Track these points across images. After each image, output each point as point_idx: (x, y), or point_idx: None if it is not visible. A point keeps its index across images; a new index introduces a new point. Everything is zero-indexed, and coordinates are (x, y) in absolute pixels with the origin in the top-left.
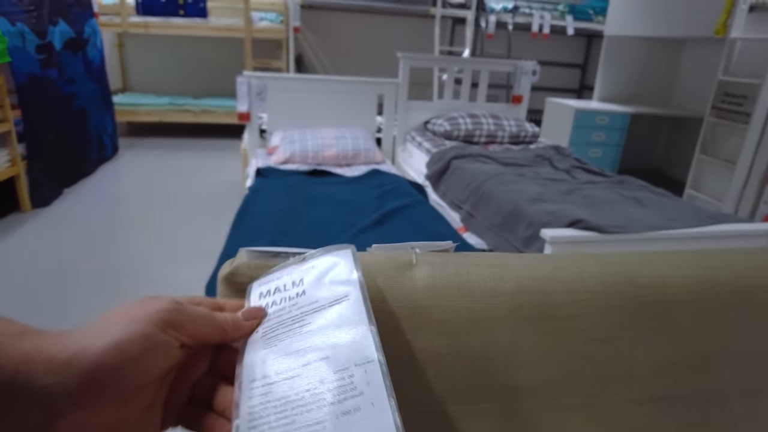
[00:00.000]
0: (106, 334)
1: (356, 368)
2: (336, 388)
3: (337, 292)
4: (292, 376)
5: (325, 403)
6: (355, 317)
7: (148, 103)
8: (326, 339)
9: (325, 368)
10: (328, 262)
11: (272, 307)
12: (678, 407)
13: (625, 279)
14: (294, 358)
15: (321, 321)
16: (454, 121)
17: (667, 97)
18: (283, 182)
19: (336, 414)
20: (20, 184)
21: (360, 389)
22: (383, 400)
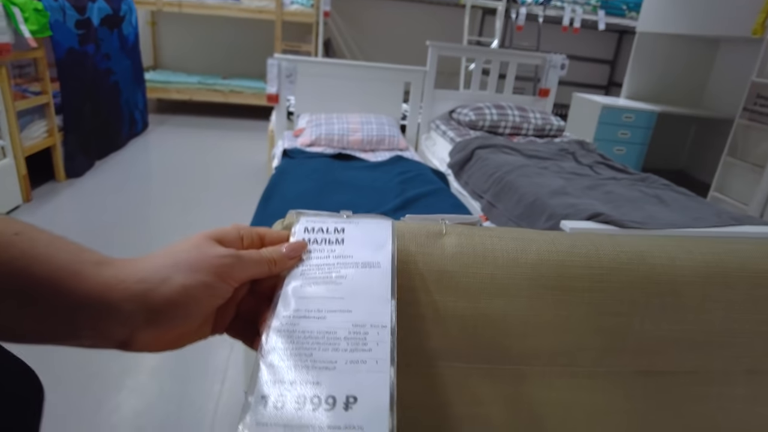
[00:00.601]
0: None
1: (371, 328)
2: (352, 337)
3: (371, 256)
4: (318, 317)
5: (339, 347)
6: (380, 286)
7: (178, 81)
8: (353, 295)
9: (347, 319)
10: (371, 225)
11: (313, 245)
12: (681, 382)
13: (638, 258)
14: (324, 302)
15: (352, 278)
16: (480, 111)
17: (697, 98)
18: (309, 164)
19: (346, 359)
20: (56, 155)
21: (370, 346)
22: (386, 362)
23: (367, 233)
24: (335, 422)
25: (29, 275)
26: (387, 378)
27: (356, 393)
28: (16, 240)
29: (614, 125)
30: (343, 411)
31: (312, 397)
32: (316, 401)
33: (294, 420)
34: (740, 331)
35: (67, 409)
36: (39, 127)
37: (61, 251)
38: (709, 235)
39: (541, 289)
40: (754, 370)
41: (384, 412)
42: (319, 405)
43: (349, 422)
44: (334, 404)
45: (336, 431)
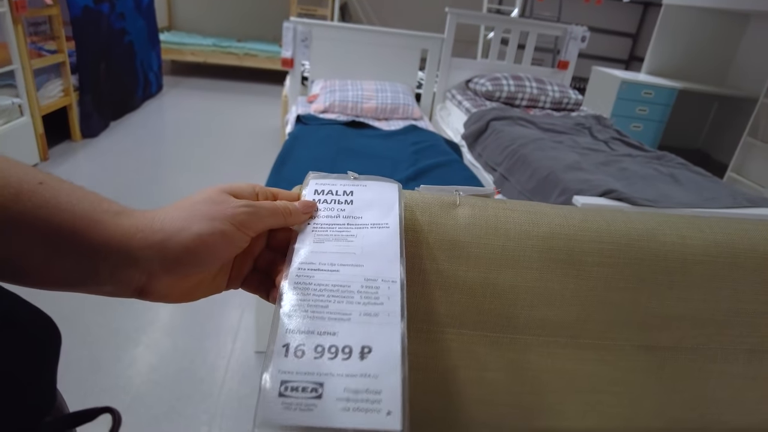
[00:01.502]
0: (192, 225)
1: (383, 282)
2: (364, 291)
3: (380, 218)
4: (332, 269)
5: (353, 300)
6: (390, 245)
7: (193, 43)
8: (363, 252)
9: (359, 273)
10: (378, 187)
11: (323, 204)
12: (683, 358)
13: (649, 235)
14: (336, 257)
15: (362, 236)
16: (497, 82)
17: (721, 75)
18: (322, 131)
19: (360, 312)
20: (72, 114)
21: (382, 300)
22: (397, 315)
23: (375, 196)
24: (352, 371)
25: (53, 223)
26: (398, 330)
27: (370, 343)
28: (40, 189)
29: (633, 101)
30: (359, 360)
31: (329, 346)
32: (333, 350)
33: (314, 368)
34: (745, 312)
35: (87, 362)
36: (55, 86)
37: (82, 201)
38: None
39: (551, 262)
40: (756, 349)
41: (396, 362)
42: (337, 354)
43: (365, 371)
44: (351, 354)
45: (353, 378)
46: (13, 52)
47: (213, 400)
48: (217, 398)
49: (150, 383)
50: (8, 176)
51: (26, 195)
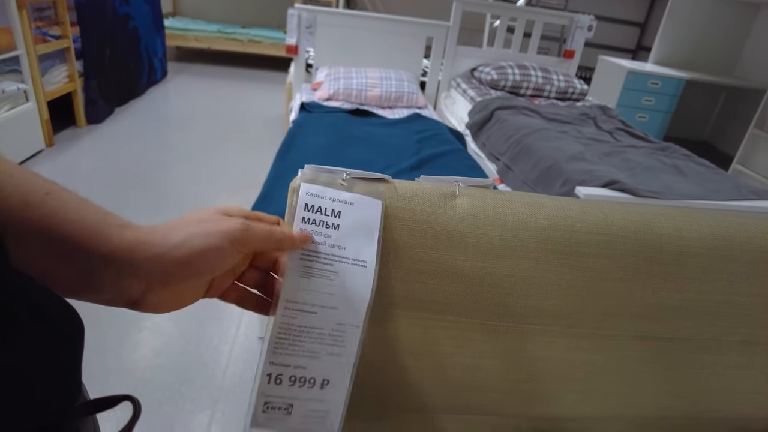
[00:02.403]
0: (191, 240)
1: (348, 327)
2: (334, 334)
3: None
4: (311, 311)
5: (324, 342)
6: (363, 288)
7: (197, 29)
8: (341, 293)
9: (332, 317)
10: (365, 206)
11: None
12: (677, 348)
13: (646, 227)
14: (317, 298)
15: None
16: (502, 71)
17: (730, 66)
18: (326, 119)
19: (327, 352)
20: (77, 100)
21: (345, 344)
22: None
23: (359, 218)
24: (313, 396)
25: (59, 233)
26: (351, 369)
27: (329, 377)
28: (47, 199)
29: (639, 91)
30: (319, 389)
31: (300, 377)
32: (302, 380)
33: (287, 393)
34: (739, 303)
35: (92, 344)
36: (60, 72)
37: (89, 213)
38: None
39: (548, 253)
40: (749, 341)
41: (345, 392)
42: (304, 383)
43: (322, 397)
44: (314, 384)
45: (313, 402)
46: (17, 38)
47: (216, 384)
48: (221, 383)
49: (154, 367)
50: (17, 184)
51: (34, 204)
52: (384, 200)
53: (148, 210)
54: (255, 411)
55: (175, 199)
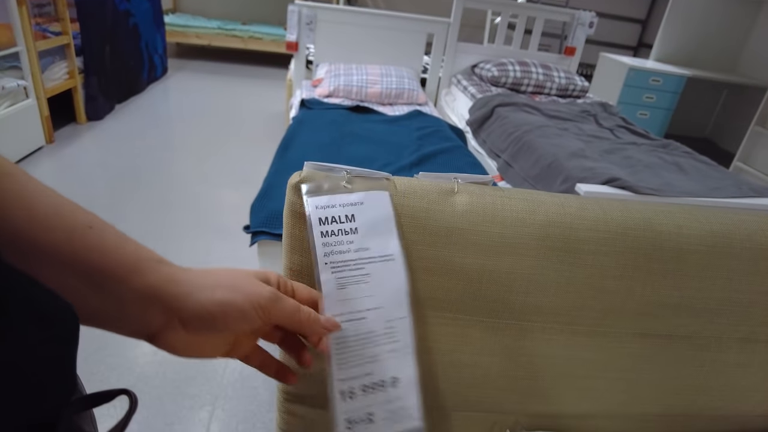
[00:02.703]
0: (216, 291)
1: (397, 321)
2: (385, 332)
3: (384, 246)
4: (359, 318)
5: (379, 342)
6: (398, 278)
7: (197, 26)
8: (380, 290)
9: (380, 316)
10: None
11: (331, 237)
12: (676, 346)
13: (645, 224)
14: (359, 303)
15: (375, 273)
16: (503, 68)
17: (732, 63)
18: (327, 116)
19: (385, 351)
20: (77, 97)
21: (398, 337)
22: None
23: (373, 214)
24: (389, 398)
25: (101, 266)
26: (412, 358)
27: (397, 374)
28: (90, 233)
29: (640, 88)
30: (392, 388)
31: (370, 384)
32: (373, 386)
33: (363, 403)
34: (739, 301)
35: (93, 340)
36: (60, 69)
37: (127, 247)
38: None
39: (547, 250)
40: (749, 338)
41: (415, 382)
42: (375, 389)
43: (397, 395)
44: (385, 385)
45: (390, 403)
46: (17, 34)
47: (217, 380)
48: (221, 379)
49: (154, 363)
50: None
51: (79, 240)
52: (390, 191)
53: (149, 207)
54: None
55: (175, 196)
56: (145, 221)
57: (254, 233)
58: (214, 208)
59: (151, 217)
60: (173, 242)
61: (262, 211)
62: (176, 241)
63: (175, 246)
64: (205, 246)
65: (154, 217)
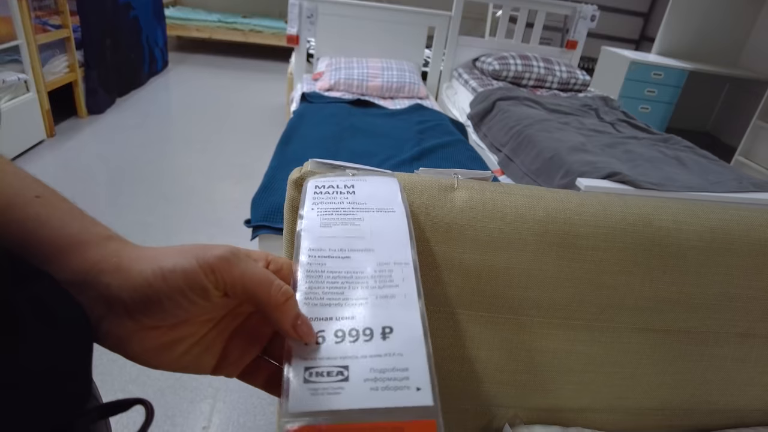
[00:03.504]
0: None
1: (395, 266)
2: (378, 275)
3: (385, 204)
4: (343, 256)
5: (368, 285)
6: (398, 230)
7: (198, 19)
8: (373, 235)
9: (371, 258)
10: (379, 182)
11: (324, 195)
12: (675, 341)
13: (645, 220)
14: (345, 242)
15: (369, 219)
16: (504, 61)
17: (734, 57)
18: (327, 109)
19: (376, 295)
20: (77, 91)
21: (396, 282)
22: (414, 296)
23: (376, 188)
24: (376, 351)
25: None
26: (417, 309)
27: (391, 324)
28: (36, 202)
29: (642, 82)
30: (381, 340)
31: (350, 330)
32: (354, 333)
33: (336, 352)
34: (738, 296)
35: None
36: (60, 62)
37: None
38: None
39: (546, 245)
40: (748, 333)
41: (420, 339)
42: (358, 337)
43: (389, 350)
44: (372, 335)
45: (378, 358)
46: (17, 27)
47: None
48: None
49: None
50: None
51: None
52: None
53: (149, 200)
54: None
55: (176, 190)
56: (146, 214)
57: (255, 227)
58: (214, 201)
59: (152, 210)
60: (174, 236)
61: (263, 205)
62: (177, 235)
63: (175, 239)
64: (206, 240)
65: (155, 210)
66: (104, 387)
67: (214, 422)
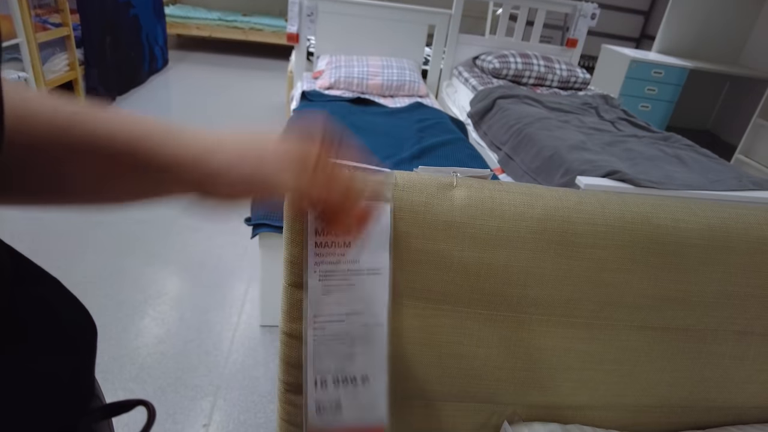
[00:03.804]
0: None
1: (375, 327)
2: (362, 337)
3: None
4: (339, 320)
5: (355, 345)
6: (382, 291)
7: (198, 17)
8: (362, 299)
9: (359, 321)
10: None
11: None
12: (673, 338)
13: (643, 218)
14: (341, 308)
15: (360, 285)
16: (504, 59)
17: (735, 55)
18: (327, 108)
19: (359, 352)
20: (78, 89)
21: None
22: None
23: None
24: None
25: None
26: (386, 363)
27: (368, 373)
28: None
29: (642, 80)
30: (362, 386)
31: (342, 378)
32: (345, 380)
33: (334, 393)
34: (736, 294)
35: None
36: (60, 60)
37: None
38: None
39: (545, 243)
40: (745, 331)
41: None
42: (347, 383)
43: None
44: (355, 382)
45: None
46: (17, 25)
47: (218, 371)
48: (222, 370)
49: (157, 354)
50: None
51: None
52: (392, 203)
53: None
54: (309, 414)
55: None
56: (146, 212)
57: (255, 225)
58: None
59: (150, 208)
60: (174, 234)
61: (264, 204)
62: (177, 233)
63: (173, 237)
64: (206, 239)
65: (153, 208)
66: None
67: (214, 420)
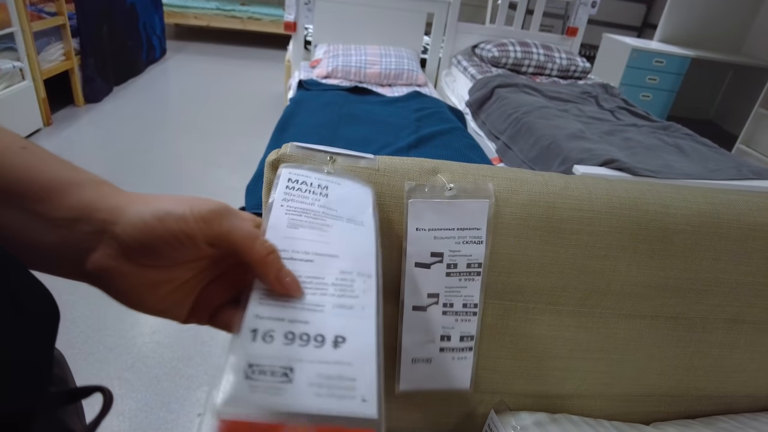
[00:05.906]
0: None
1: (358, 276)
2: (339, 283)
3: (355, 214)
4: (306, 259)
5: (327, 292)
6: (366, 241)
7: (196, 6)
8: (339, 243)
9: (334, 265)
10: (353, 187)
11: (296, 192)
12: (662, 327)
13: (631, 204)
14: (310, 245)
15: (338, 228)
16: (504, 48)
17: (737, 43)
18: (324, 97)
19: (333, 303)
20: (74, 79)
21: (357, 293)
22: (372, 308)
23: (349, 193)
24: (325, 358)
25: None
26: (373, 323)
27: (344, 334)
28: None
29: (643, 70)
30: (332, 348)
31: (301, 334)
32: (305, 338)
33: (283, 353)
34: (726, 282)
35: (92, 320)
36: (56, 50)
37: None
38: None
39: (529, 230)
40: (735, 319)
41: (371, 352)
42: (309, 342)
43: (339, 359)
44: (323, 342)
45: (326, 365)
46: (12, 14)
47: (214, 361)
48: (218, 359)
49: (152, 344)
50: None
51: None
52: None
53: (147, 189)
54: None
55: (174, 178)
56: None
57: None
58: (212, 189)
59: None
60: None
61: (258, 192)
62: None
63: None
64: None
65: None
66: (101, 374)
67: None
